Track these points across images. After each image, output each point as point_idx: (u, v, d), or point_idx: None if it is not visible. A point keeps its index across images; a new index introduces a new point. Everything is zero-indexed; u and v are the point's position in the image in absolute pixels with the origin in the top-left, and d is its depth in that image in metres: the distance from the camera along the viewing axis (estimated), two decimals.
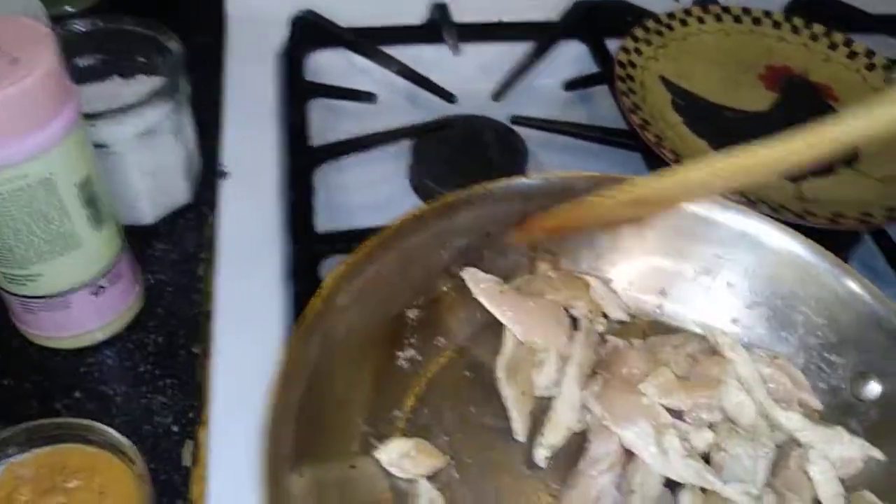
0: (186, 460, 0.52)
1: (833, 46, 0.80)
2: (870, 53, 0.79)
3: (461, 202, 0.52)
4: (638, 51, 0.75)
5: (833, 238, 0.62)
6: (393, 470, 0.48)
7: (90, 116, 0.55)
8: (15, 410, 0.53)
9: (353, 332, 0.48)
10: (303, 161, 0.66)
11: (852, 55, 0.79)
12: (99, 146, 0.56)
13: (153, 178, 0.62)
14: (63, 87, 0.45)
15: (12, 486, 0.47)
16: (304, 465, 0.42)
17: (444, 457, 0.49)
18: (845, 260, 0.64)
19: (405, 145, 0.70)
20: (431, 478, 0.48)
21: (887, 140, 0.70)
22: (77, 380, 0.55)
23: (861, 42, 0.79)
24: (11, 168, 0.45)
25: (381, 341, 0.51)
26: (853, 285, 0.52)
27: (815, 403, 0.52)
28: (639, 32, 0.76)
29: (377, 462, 0.48)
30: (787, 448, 0.50)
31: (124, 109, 0.56)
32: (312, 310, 0.46)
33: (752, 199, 0.61)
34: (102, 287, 0.54)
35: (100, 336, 0.57)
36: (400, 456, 0.48)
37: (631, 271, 0.58)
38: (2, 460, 0.48)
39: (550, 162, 0.73)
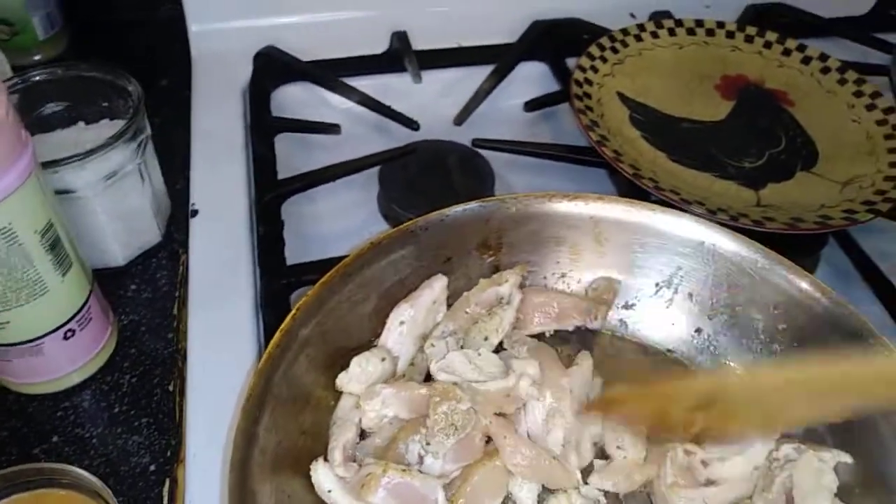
0: (166, 500, 0.52)
1: (787, 52, 0.81)
2: (823, 57, 0.80)
3: (419, 229, 0.53)
4: (594, 68, 0.76)
5: (797, 243, 0.64)
6: (349, 387, 0.50)
7: (53, 163, 0.56)
8: None
9: (315, 362, 0.49)
10: (271, 194, 0.67)
11: (806, 60, 0.81)
12: (65, 192, 0.58)
13: (122, 220, 0.63)
14: (16, 138, 0.46)
15: None
16: (269, 500, 0.43)
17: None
18: (815, 263, 0.66)
19: (373, 173, 0.71)
20: None
21: (844, 142, 0.73)
22: (54, 424, 0.56)
23: (814, 47, 0.81)
24: None
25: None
26: (808, 287, 0.53)
27: None
28: (594, 50, 0.77)
29: None
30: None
31: (87, 154, 0.57)
32: (275, 343, 0.46)
33: (711, 209, 0.62)
34: (73, 331, 0.55)
35: (76, 378, 0.57)
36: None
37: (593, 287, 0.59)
38: None
39: (517, 182, 0.74)
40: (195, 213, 0.67)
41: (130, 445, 0.55)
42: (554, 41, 0.85)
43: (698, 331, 0.57)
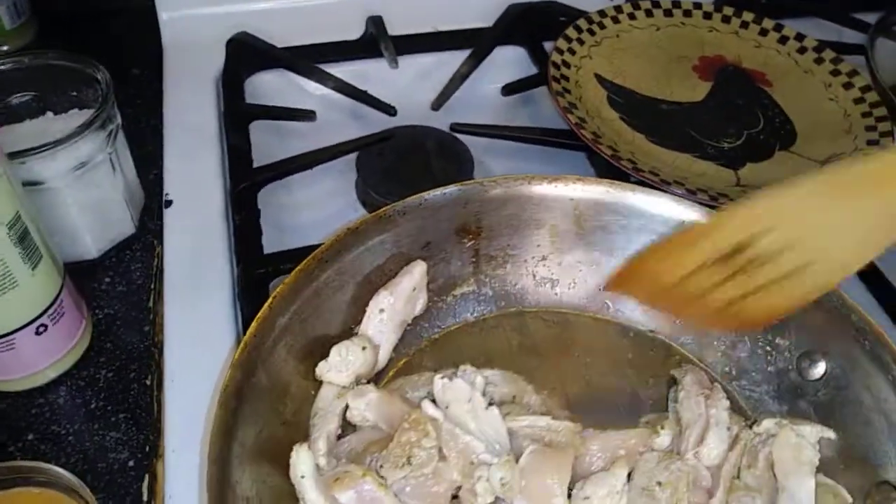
0: (146, 495, 0.52)
1: (763, 33, 0.81)
2: (800, 37, 0.80)
3: (396, 213, 0.53)
4: (571, 50, 0.75)
5: None
6: (330, 377, 0.49)
7: (21, 153, 0.54)
8: None
9: (294, 351, 0.48)
10: (246, 183, 0.66)
11: (783, 40, 0.81)
12: (33, 183, 0.56)
13: (94, 211, 0.62)
14: None
15: None
16: (249, 480, 0.42)
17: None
18: None
19: (350, 161, 0.70)
20: None
21: (822, 121, 0.73)
22: (29, 421, 0.55)
23: (791, 27, 0.81)
24: None
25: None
26: None
27: None
28: (571, 32, 0.77)
29: None
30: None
31: (55, 144, 0.55)
32: (252, 333, 0.46)
33: (691, 189, 0.62)
34: (45, 325, 0.53)
35: (51, 374, 0.56)
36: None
37: (573, 269, 0.59)
38: None
39: (496, 167, 0.74)
40: (169, 203, 0.66)
41: (108, 441, 0.54)
42: (530, 25, 0.84)
43: None
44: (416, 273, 0.53)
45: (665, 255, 0.51)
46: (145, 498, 0.51)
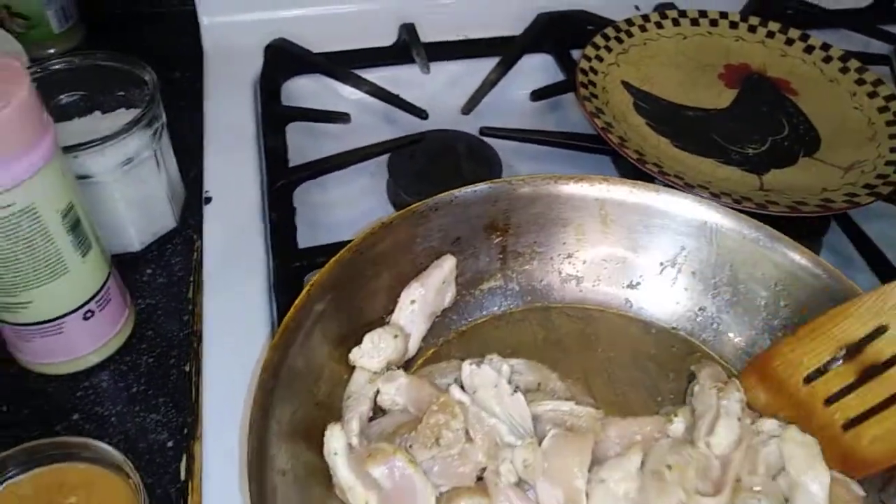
0: (183, 475, 0.54)
1: (790, 42, 0.83)
2: (826, 46, 0.81)
3: (428, 209, 0.55)
4: (599, 58, 0.77)
5: (799, 228, 0.65)
6: (362, 362, 0.51)
7: (72, 148, 0.57)
8: (16, 435, 0.55)
9: (329, 337, 0.50)
10: (282, 181, 0.68)
11: (809, 49, 0.82)
12: (83, 177, 0.59)
13: (139, 206, 0.64)
14: (39, 119, 0.48)
15: None
16: (285, 456, 0.44)
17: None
18: (817, 250, 0.67)
19: (382, 163, 0.73)
20: None
21: (846, 129, 0.74)
22: (74, 403, 0.57)
23: (817, 37, 0.82)
24: None
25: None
26: (808, 263, 0.54)
27: None
28: (599, 40, 0.78)
29: None
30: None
31: (104, 140, 0.58)
32: (290, 317, 0.48)
33: (715, 192, 0.64)
34: (92, 311, 0.56)
35: (94, 359, 0.59)
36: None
37: (598, 266, 0.60)
38: (1, 481, 0.50)
39: (524, 170, 0.76)
40: (209, 200, 0.69)
41: (148, 423, 0.57)
42: (559, 33, 0.86)
43: (702, 309, 0.59)
44: (446, 266, 0.55)
45: (787, 350, 0.51)
46: (183, 477, 0.54)
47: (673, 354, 0.57)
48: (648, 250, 0.59)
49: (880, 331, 0.48)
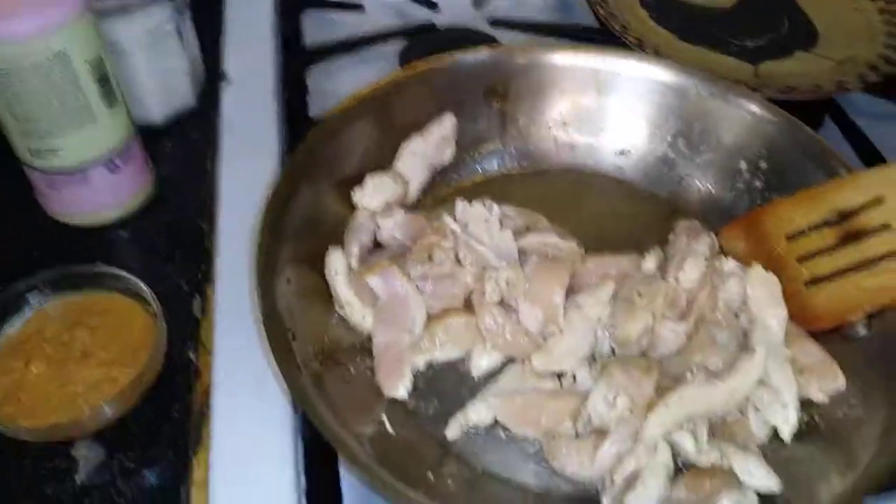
0: (197, 312, 0.58)
1: None
2: None
3: (431, 71, 0.58)
4: None
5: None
6: (364, 202, 0.54)
7: (100, 14, 0.61)
8: None
9: (334, 180, 0.54)
10: (297, 61, 0.71)
11: None
12: (110, 44, 0.63)
13: (161, 78, 0.68)
14: None
15: (42, 322, 0.54)
16: (290, 274, 0.48)
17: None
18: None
19: (393, 57, 0.76)
20: None
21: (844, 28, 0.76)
22: (98, 252, 0.61)
23: None
24: (34, 41, 0.51)
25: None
26: (787, 125, 0.57)
27: None
28: None
29: None
30: None
31: (130, 6, 0.62)
32: (301, 146, 0.52)
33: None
34: (117, 165, 0.60)
35: (116, 214, 0.63)
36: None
37: (591, 134, 0.63)
38: (32, 303, 0.54)
39: None
40: (227, 79, 0.72)
41: (167, 270, 0.61)
42: None
43: (688, 174, 0.62)
44: (446, 122, 0.58)
45: (781, 209, 0.54)
46: (198, 314, 0.58)
47: (656, 213, 0.60)
48: (638, 119, 0.62)
49: (877, 201, 0.50)
